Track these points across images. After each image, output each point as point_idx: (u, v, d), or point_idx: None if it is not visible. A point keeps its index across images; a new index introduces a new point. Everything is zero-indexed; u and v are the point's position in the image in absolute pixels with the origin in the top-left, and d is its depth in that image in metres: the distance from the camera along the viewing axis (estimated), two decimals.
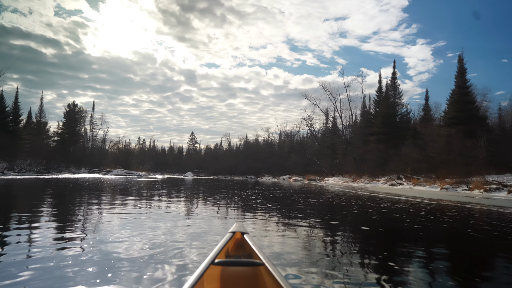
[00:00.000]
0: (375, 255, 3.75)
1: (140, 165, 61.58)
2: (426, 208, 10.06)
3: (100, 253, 3.25)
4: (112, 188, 15.70)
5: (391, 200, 12.65)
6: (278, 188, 21.40)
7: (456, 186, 18.05)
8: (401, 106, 37.62)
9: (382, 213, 8.31)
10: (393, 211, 8.79)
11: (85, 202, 9.00)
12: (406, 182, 23.28)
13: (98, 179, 27.83)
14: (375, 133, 36.50)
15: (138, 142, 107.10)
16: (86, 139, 64.33)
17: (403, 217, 7.70)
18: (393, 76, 37.88)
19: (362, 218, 7.24)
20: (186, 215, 6.86)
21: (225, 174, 75.60)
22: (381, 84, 41.17)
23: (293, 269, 2.92)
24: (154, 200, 10.26)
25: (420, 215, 8.02)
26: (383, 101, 38.13)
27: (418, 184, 21.38)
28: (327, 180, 40.89)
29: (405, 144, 28.85)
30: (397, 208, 9.55)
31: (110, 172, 45.23)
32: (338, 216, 7.49)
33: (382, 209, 9.25)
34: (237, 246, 2.37)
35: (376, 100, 41.79)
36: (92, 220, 5.68)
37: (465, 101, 26.74)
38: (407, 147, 26.25)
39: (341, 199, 12.56)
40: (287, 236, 4.74)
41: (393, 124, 35.56)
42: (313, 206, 9.79)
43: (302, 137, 74.05)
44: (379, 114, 38.00)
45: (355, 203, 11.03)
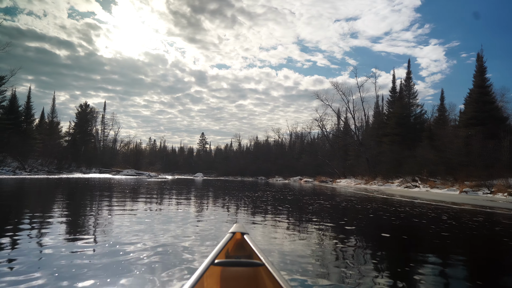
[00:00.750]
0: (396, 265, 3.33)
1: (150, 166, 61.57)
2: (448, 212, 9.45)
3: (107, 252, 3.29)
4: (121, 188, 15.41)
5: (408, 203, 12.04)
6: (289, 189, 20.88)
7: (476, 189, 17.26)
8: (416, 106, 36.65)
9: (401, 217, 7.75)
10: (413, 216, 8.23)
11: (95, 202, 8.91)
12: (422, 184, 22.48)
13: (108, 179, 27.70)
14: (389, 134, 35.59)
15: (149, 143, 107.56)
16: (97, 139, 64.76)
17: (425, 222, 7.16)
18: (408, 76, 36.99)
19: (380, 223, 6.71)
20: (195, 217, 6.52)
21: (235, 175, 75.25)
22: (394, 84, 40.30)
23: (298, 274, 2.81)
24: (163, 200, 9.89)
25: (443, 220, 7.45)
26: (397, 102, 37.20)
27: (435, 187, 20.59)
28: (339, 181, 40.12)
29: (420, 145, 27.96)
30: (416, 213, 8.97)
31: (120, 172, 45.24)
32: (355, 221, 6.95)
33: (400, 213, 8.69)
34: (237, 246, 2.35)
35: (390, 101, 40.84)
36: (101, 220, 5.63)
37: (484, 101, 25.73)
38: (423, 149, 25.40)
39: (356, 202, 11.99)
40: (300, 241, 4.32)
41: (407, 125, 34.60)
42: (326, 209, 9.30)
43: (313, 138, 73.34)
44: (393, 114, 37.08)
45: (370, 206, 10.47)
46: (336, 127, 55.39)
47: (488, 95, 26.30)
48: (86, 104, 63.09)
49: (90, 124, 63.19)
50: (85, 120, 60.39)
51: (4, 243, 3.59)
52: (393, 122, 35.28)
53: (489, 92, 26.43)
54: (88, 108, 63.41)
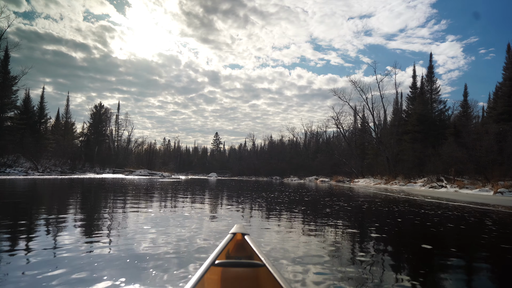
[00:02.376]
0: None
1: (164, 166, 61.25)
2: (491, 216, 8.21)
3: (117, 252, 3.24)
4: (130, 188, 14.60)
5: (439, 205, 10.80)
6: (305, 190, 19.76)
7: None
8: (438, 102, 34.88)
9: (436, 222, 6.61)
10: (449, 220, 7.06)
11: (103, 202, 8.49)
12: (449, 184, 21.02)
13: (120, 180, 27.12)
14: (410, 131, 33.96)
15: (163, 143, 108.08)
16: (111, 140, 64.83)
17: (467, 228, 6.01)
18: (429, 70, 35.25)
19: (415, 230, 5.61)
20: (207, 218, 5.79)
21: (250, 175, 74.42)
22: (415, 80, 38.50)
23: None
24: (173, 201, 8.95)
25: (487, 226, 6.31)
26: (418, 98, 35.49)
27: (464, 187, 19.13)
28: (357, 181, 38.68)
29: (444, 143, 26.38)
30: (453, 216, 7.77)
31: (133, 173, 44.86)
32: (383, 226, 5.81)
33: (433, 217, 7.52)
34: (237, 247, 2.32)
35: (410, 97, 39.08)
36: (111, 221, 5.43)
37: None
38: (449, 146, 23.86)
39: (380, 204, 10.79)
40: (318, 251, 3.60)
41: (429, 121, 32.86)
42: (347, 211, 8.21)
43: (329, 137, 71.81)
44: (414, 111, 35.42)
45: (397, 208, 9.27)
46: (353, 125, 53.81)
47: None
48: (101, 104, 63.40)
49: (105, 124, 63.43)
50: (100, 121, 60.54)
51: (19, 243, 3.54)
52: (414, 119, 33.62)
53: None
54: (103, 108, 63.75)
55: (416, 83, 38.07)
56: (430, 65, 35.51)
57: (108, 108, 65.30)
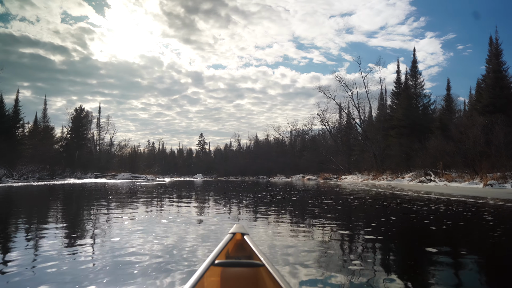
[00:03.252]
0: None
1: (148, 168, 59.91)
2: (488, 211, 7.83)
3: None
4: (110, 193, 13.73)
5: (432, 200, 10.39)
6: (293, 188, 19.23)
7: (502, 181, 15.59)
8: (423, 96, 34.88)
9: (433, 219, 6.14)
10: (446, 217, 6.60)
11: (79, 209, 7.59)
12: (437, 178, 20.82)
13: (101, 184, 26.04)
14: (395, 126, 33.85)
15: (148, 145, 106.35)
16: (93, 144, 63.06)
17: (472, 225, 5.55)
18: (414, 64, 35.11)
19: (414, 230, 5.09)
20: (195, 221, 5.31)
21: (236, 175, 73.70)
22: (399, 74, 38.52)
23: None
24: (156, 206, 8.21)
25: (487, 221, 5.91)
26: (403, 92, 35.43)
27: (453, 181, 18.93)
28: (344, 178, 38.45)
29: (431, 137, 26.26)
30: (449, 212, 7.32)
31: (115, 176, 43.53)
32: (380, 227, 5.26)
33: (429, 213, 7.08)
34: (237, 247, 2.30)
35: (395, 92, 39.05)
36: (89, 228, 5.15)
37: (502, 86, 24.00)
38: (436, 140, 23.69)
39: (371, 201, 10.28)
40: (312, 254, 3.27)
41: (415, 116, 32.80)
42: (337, 210, 7.71)
43: (314, 135, 71.70)
44: (399, 106, 35.36)
45: (390, 206, 8.76)
46: (339, 122, 53.68)
47: (505, 79, 24.57)
48: (81, 108, 61.58)
49: (86, 128, 61.66)
50: (80, 125, 58.76)
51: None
52: (400, 114, 33.52)
53: (505, 76, 24.69)
54: (83, 112, 61.96)
55: (400, 78, 38.11)
56: (414, 59, 35.53)
57: (90, 112, 63.61)
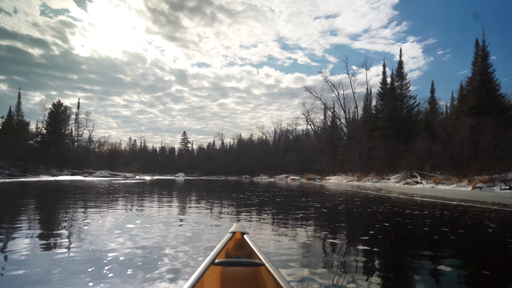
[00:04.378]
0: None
1: (127, 166, 58.21)
2: (488, 216, 7.26)
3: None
4: (81, 191, 12.65)
5: (425, 204, 9.83)
6: (277, 189, 18.54)
7: (490, 184, 15.28)
8: (409, 98, 34.75)
9: (432, 226, 5.57)
10: (445, 223, 6.03)
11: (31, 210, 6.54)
12: (424, 180, 20.49)
13: (76, 182, 24.70)
14: (381, 127, 33.62)
15: (129, 143, 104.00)
16: (71, 140, 60.82)
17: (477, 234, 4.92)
18: (400, 65, 35.01)
19: (415, 239, 4.46)
20: (160, 227, 4.43)
21: (219, 174, 72.61)
22: (385, 75, 38.36)
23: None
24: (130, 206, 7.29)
25: (492, 228, 5.33)
26: (389, 93, 35.25)
27: (440, 183, 18.60)
28: (329, 179, 38.04)
29: (416, 138, 26.06)
30: (447, 218, 6.74)
31: (92, 174, 41.88)
32: (379, 235, 4.57)
33: (425, 218, 6.53)
34: (237, 246, 2.31)
35: (380, 93, 38.88)
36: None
37: (488, 88, 23.94)
38: (422, 141, 23.43)
39: (360, 204, 9.61)
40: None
41: (400, 117, 32.64)
42: (325, 215, 7.05)
43: (298, 135, 71.39)
44: (384, 106, 35.15)
45: (381, 209, 8.12)
46: (323, 122, 53.35)
47: (491, 82, 24.53)
48: (59, 102, 59.22)
49: (64, 124, 59.39)
50: (58, 120, 56.51)
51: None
52: (385, 115, 33.30)
53: (491, 79, 24.65)
54: (62, 107, 59.64)
55: (386, 79, 37.94)
56: (400, 61, 35.39)
57: (69, 107, 61.31)
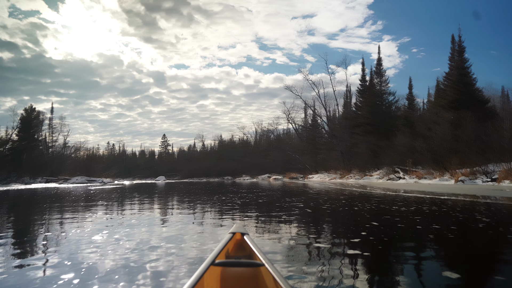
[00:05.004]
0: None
1: (105, 171, 56.48)
2: (479, 210, 7.04)
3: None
4: (51, 199, 11.83)
5: (410, 199, 9.63)
6: (259, 189, 18.11)
7: (472, 177, 15.33)
8: (388, 94, 35.02)
9: (421, 222, 5.25)
10: (435, 219, 5.69)
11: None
12: (408, 175, 20.52)
13: (50, 190, 23.54)
14: (362, 124, 33.77)
15: (107, 147, 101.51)
16: (45, 146, 58.52)
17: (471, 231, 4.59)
18: (378, 62, 35.27)
19: (408, 238, 4.09)
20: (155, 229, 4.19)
21: (200, 176, 71.65)
22: (364, 72, 38.63)
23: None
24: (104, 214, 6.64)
25: (487, 223, 5.09)
26: (368, 90, 35.46)
27: (423, 178, 18.63)
28: (311, 177, 37.94)
29: (397, 134, 26.20)
30: (437, 213, 6.46)
31: (68, 181, 40.33)
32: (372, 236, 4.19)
33: (414, 215, 6.23)
34: (237, 247, 2.31)
35: (360, 90, 39.12)
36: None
37: (465, 82, 24.28)
38: (404, 136, 23.54)
39: (345, 202, 9.28)
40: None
41: (380, 113, 32.86)
42: (310, 216, 6.60)
43: (279, 134, 71.30)
44: (364, 104, 35.32)
45: (369, 207, 7.78)
46: (304, 120, 53.31)
47: (468, 76, 24.90)
48: (32, 107, 56.96)
49: (37, 129, 57.07)
50: (31, 126, 54.24)
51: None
52: (366, 112, 33.48)
53: (468, 73, 25.04)
54: (35, 112, 57.39)
55: (365, 76, 38.19)
56: (379, 57, 35.71)
57: (42, 112, 58.95)
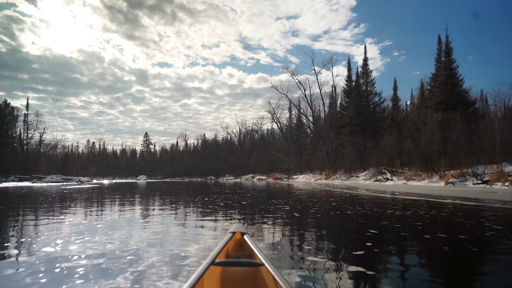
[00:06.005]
0: None
1: (83, 170, 54.58)
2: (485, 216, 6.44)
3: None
4: (19, 199, 10.74)
5: (404, 202, 9.04)
6: (243, 190, 17.36)
7: (463, 179, 14.98)
8: (374, 94, 34.76)
9: (424, 230, 4.58)
10: (443, 226, 5.08)
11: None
12: (396, 177, 20.14)
13: (18, 188, 22.14)
14: (347, 124, 33.43)
15: (87, 145, 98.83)
16: (19, 143, 56.08)
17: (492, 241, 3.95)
18: (365, 62, 34.98)
19: (434, 252, 3.38)
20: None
21: (183, 176, 70.40)
22: (350, 72, 38.34)
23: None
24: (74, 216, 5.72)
25: (496, 230, 4.37)
26: (354, 90, 35.16)
27: (411, 179, 18.25)
28: (296, 178, 37.39)
29: (383, 135, 25.88)
30: (440, 219, 5.86)
31: (42, 179, 38.53)
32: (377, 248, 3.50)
33: (414, 220, 5.57)
34: (237, 246, 2.28)
35: (346, 90, 38.80)
36: None
37: (453, 83, 24.15)
38: (391, 137, 23.22)
39: (336, 205, 8.58)
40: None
41: (366, 114, 32.59)
42: (300, 220, 5.83)
43: (263, 134, 70.72)
44: (350, 104, 35.00)
45: (362, 211, 7.11)
46: (289, 120, 52.75)
47: (455, 77, 24.79)
48: (6, 102, 54.57)
49: (11, 126, 54.62)
50: (4, 122, 51.82)
51: None
52: (352, 112, 33.16)
53: (455, 74, 24.93)
54: (9, 107, 54.96)
55: (351, 76, 37.88)
56: (365, 57, 35.44)
57: (17, 108, 56.56)
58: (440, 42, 26.97)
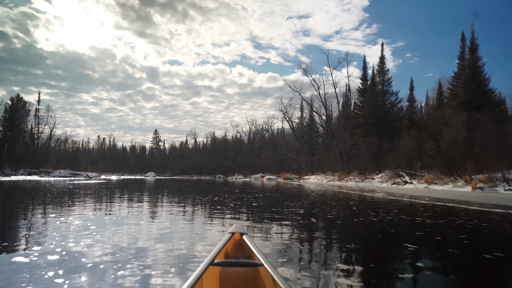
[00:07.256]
0: None
1: (91, 165, 54.33)
2: None
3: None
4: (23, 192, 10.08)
5: (435, 209, 8.06)
6: (253, 190, 16.55)
7: (492, 184, 13.88)
8: (391, 94, 33.48)
9: (477, 246, 3.68)
10: (496, 240, 4.17)
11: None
12: (416, 180, 19.06)
13: (26, 182, 21.69)
14: (362, 124, 32.30)
15: (98, 141, 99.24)
16: (30, 137, 56.13)
17: None
18: (381, 60, 33.63)
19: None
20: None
21: (191, 173, 69.91)
22: (366, 71, 37.17)
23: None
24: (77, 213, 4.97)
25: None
26: (370, 89, 33.98)
27: (433, 183, 17.18)
28: (307, 178, 36.39)
29: (400, 136, 24.74)
30: (489, 230, 4.97)
31: (50, 174, 38.27)
32: (417, 264, 2.63)
33: (456, 232, 4.74)
34: (236, 246, 2.27)
35: (361, 89, 37.61)
36: None
37: (478, 82, 22.87)
38: (410, 138, 22.11)
39: (358, 210, 7.62)
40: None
41: (382, 114, 31.42)
42: (321, 230, 4.87)
43: (273, 133, 69.78)
44: (366, 103, 33.83)
45: (389, 218, 6.21)
46: (300, 119, 51.67)
47: (481, 76, 23.49)
48: (19, 96, 54.66)
49: (23, 120, 54.75)
50: (15, 116, 51.88)
51: None
52: (367, 112, 32.01)
53: (481, 72, 23.63)
54: (21, 101, 55.09)
55: (367, 75, 36.73)
56: (382, 55, 34.11)
57: (29, 102, 56.68)
58: (464, 39, 25.72)
